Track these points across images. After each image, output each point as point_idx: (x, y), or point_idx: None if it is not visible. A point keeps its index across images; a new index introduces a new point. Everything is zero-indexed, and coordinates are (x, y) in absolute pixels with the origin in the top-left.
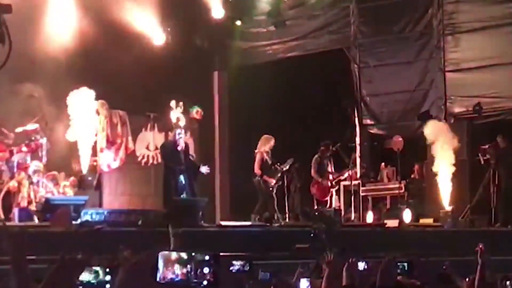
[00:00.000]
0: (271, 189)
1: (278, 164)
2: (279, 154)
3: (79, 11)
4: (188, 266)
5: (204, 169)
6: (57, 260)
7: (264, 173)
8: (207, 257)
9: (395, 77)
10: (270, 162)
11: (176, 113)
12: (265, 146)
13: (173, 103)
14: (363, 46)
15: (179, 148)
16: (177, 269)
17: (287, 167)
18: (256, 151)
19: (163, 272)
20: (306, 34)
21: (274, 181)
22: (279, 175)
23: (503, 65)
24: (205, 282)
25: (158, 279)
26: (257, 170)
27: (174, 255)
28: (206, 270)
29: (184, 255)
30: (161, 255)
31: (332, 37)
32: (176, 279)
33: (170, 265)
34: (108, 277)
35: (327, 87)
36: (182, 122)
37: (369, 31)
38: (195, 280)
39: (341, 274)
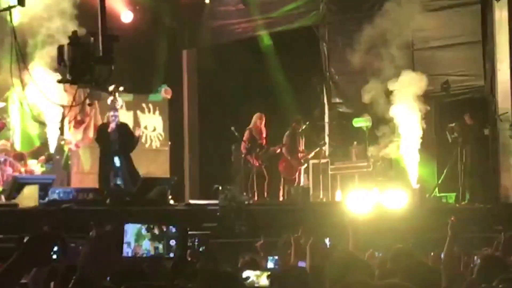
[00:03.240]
0: (252, 168)
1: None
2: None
3: None
4: (161, 241)
5: (137, 132)
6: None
7: (250, 152)
8: (174, 230)
9: (364, 56)
10: (260, 142)
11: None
12: (252, 124)
13: (111, 87)
14: (332, 24)
15: (109, 129)
16: (148, 244)
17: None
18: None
19: (134, 248)
20: (275, 12)
21: (255, 161)
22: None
23: (470, 43)
24: (171, 255)
25: (126, 254)
26: (242, 148)
27: (144, 230)
28: (172, 242)
29: (156, 230)
30: (131, 229)
31: (301, 15)
32: (148, 254)
33: (141, 240)
34: None
35: (296, 65)
36: (118, 104)
37: (338, 9)
38: (166, 255)
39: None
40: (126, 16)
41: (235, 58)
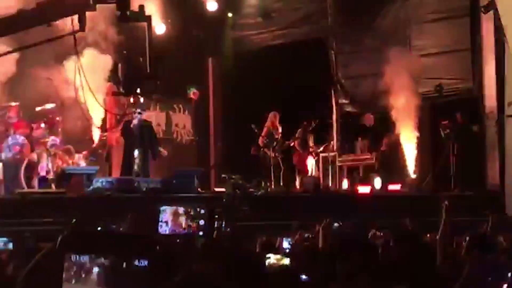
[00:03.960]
0: (268, 160)
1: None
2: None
3: None
4: (195, 220)
5: (162, 150)
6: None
7: (268, 146)
8: (203, 211)
9: (367, 62)
10: (276, 136)
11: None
12: (269, 121)
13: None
14: (339, 35)
15: (132, 125)
16: (184, 223)
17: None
18: None
19: (172, 226)
20: (289, 24)
21: (272, 154)
22: (278, 148)
23: (459, 51)
24: (201, 233)
25: (164, 232)
26: (260, 142)
27: (181, 210)
28: (202, 222)
29: (191, 211)
30: (169, 209)
31: (312, 27)
32: (184, 231)
33: (178, 219)
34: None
35: (308, 71)
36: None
37: (343, 21)
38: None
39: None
40: (160, 28)
41: (254, 64)
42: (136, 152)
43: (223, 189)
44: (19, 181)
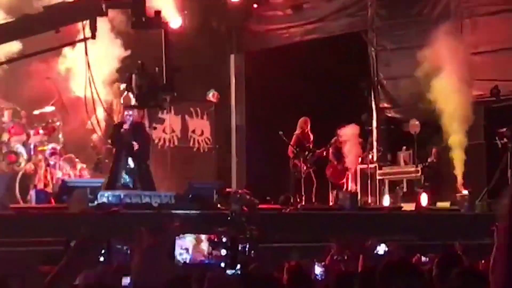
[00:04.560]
0: (299, 172)
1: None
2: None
3: None
4: (218, 248)
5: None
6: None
7: (298, 156)
8: (224, 239)
9: (412, 60)
10: (307, 145)
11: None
12: (299, 128)
13: (122, 86)
14: (380, 29)
15: (121, 130)
16: (206, 250)
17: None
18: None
19: (193, 254)
20: (323, 17)
21: (304, 166)
22: (310, 158)
23: None
24: (222, 264)
25: (184, 260)
26: (289, 152)
27: (203, 237)
28: (223, 252)
29: (215, 238)
30: (190, 236)
31: (349, 20)
32: (207, 261)
33: (198, 245)
34: None
35: (343, 70)
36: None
37: (386, 14)
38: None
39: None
40: (175, 21)
41: (282, 62)
42: (130, 160)
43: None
44: (14, 195)
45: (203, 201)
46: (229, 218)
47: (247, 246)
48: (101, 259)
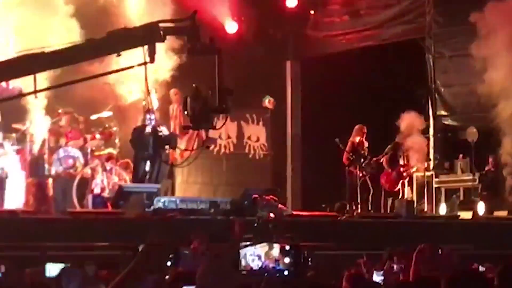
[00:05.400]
0: (355, 179)
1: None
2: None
3: None
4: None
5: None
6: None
7: (354, 163)
8: (288, 247)
9: (471, 68)
10: (362, 152)
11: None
12: (354, 135)
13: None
14: (438, 36)
15: (145, 132)
16: (276, 257)
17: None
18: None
19: (265, 260)
20: (380, 24)
21: (359, 173)
22: (365, 166)
23: None
24: (286, 272)
25: (256, 267)
26: (344, 159)
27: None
28: (287, 260)
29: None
30: (260, 246)
31: (406, 27)
32: (277, 268)
33: (270, 251)
34: None
35: (400, 77)
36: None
37: (444, 21)
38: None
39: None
40: (231, 26)
41: (338, 69)
42: (147, 165)
43: (303, 213)
44: (71, 199)
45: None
46: (255, 224)
47: (305, 254)
48: (168, 263)
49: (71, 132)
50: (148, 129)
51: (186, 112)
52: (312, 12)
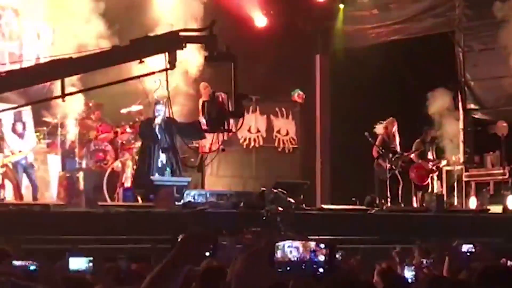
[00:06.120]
0: (384, 173)
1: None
2: None
3: None
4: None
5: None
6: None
7: (383, 157)
8: (322, 245)
9: (501, 62)
10: (392, 146)
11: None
12: (384, 129)
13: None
14: (468, 29)
15: (152, 125)
16: (312, 246)
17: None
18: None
19: (302, 252)
20: (409, 17)
21: (388, 166)
22: (395, 160)
23: None
24: (321, 270)
25: (294, 258)
26: (373, 152)
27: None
28: (321, 257)
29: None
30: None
31: (436, 21)
32: (315, 259)
33: (306, 243)
34: None
35: (430, 71)
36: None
37: (474, 14)
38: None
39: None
40: (260, 20)
41: (368, 63)
42: (163, 156)
43: (333, 206)
44: (102, 193)
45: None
46: (264, 218)
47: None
48: (207, 254)
49: (102, 125)
50: (158, 120)
51: (204, 116)
52: (341, 6)
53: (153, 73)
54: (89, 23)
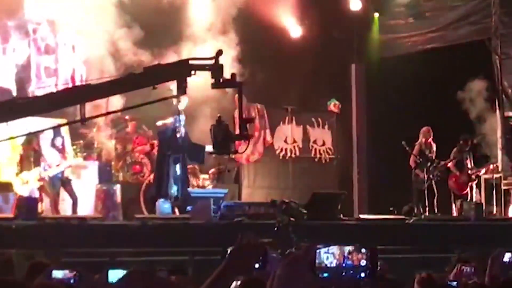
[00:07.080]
0: (421, 182)
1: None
2: None
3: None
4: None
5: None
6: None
7: (420, 166)
8: (364, 250)
9: None
10: (430, 155)
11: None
12: (421, 138)
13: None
14: (504, 36)
15: (178, 135)
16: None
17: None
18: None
19: (338, 258)
20: (445, 25)
21: (424, 176)
22: (432, 169)
23: None
24: (362, 275)
25: (330, 264)
26: (411, 162)
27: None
28: (363, 262)
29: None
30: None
31: (472, 28)
32: (353, 265)
33: (344, 251)
34: None
35: (467, 79)
36: (182, 106)
37: (510, 21)
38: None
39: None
40: (295, 31)
41: (404, 71)
42: (177, 167)
43: (371, 216)
44: (139, 205)
45: (327, 211)
46: (275, 228)
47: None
48: (256, 266)
49: (138, 138)
50: (182, 130)
51: (211, 139)
52: (376, 14)
53: (166, 98)
54: (123, 30)
